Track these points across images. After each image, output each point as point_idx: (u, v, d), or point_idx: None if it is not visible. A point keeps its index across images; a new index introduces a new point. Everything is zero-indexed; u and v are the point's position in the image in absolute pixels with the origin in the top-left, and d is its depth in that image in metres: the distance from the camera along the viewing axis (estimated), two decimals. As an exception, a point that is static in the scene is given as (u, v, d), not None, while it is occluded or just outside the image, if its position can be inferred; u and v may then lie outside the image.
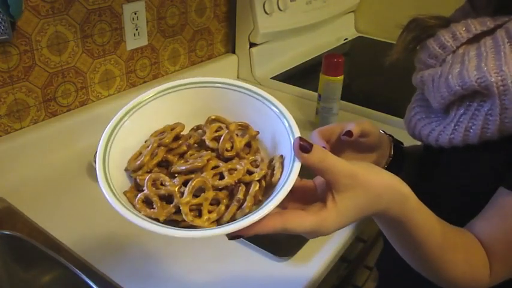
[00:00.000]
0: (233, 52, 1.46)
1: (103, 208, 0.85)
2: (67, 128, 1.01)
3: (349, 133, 0.62)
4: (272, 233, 0.45)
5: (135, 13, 1.10)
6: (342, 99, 1.16)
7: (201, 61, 1.37)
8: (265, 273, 0.74)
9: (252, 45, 1.41)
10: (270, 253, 0.77)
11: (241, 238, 0.45)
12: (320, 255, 0.78)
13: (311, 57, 1.59)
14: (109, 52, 1.08)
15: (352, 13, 1.87)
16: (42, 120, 0.99)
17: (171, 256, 0.76)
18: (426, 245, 0.50)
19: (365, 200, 0.46)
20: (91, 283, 0.70)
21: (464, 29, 0.58)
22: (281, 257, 0.76)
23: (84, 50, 1.02)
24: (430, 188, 0.64)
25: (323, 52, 1.60)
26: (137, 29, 1.12)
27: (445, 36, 0.59)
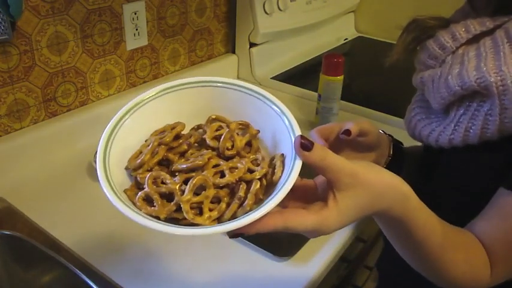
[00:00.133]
0: (233, 52, 1.46)
1: (103, 208, 0.86)
2: (67, 128, 1.01)
3: (347, 132, 0.62)
4: (273, 232, 0.45)
5: (135, 13, 1.10)
6: (342, 99, 1.16)
7: (201, 61, 1.37)
8: (265, 273, 0.74)
9: (252, 45, 1.41)
10: (270, 253, 0.77)
11: (241, 236, 0.45)
12: (320, 255, 0.78)
13: (311, 57, 1.59)
14: (109, 52, 1.08)
15: (352, 13, 1.87)
16: (42, 120, 0.99)
17: (171, 256, 0.76)
18: (427, 245, 0.50)
19: (366, 199, 0.46)
20: (91, 283, 0.70)
21: (463, 30, 0.58)
22: (281, 257, 0.76)
23: (84, 50, 1.02)
24: (431, 189, 0.64)
25: (323, 52, 1.60)
26: (137, 29, 1.12)
27: (445, 36, 0.59)
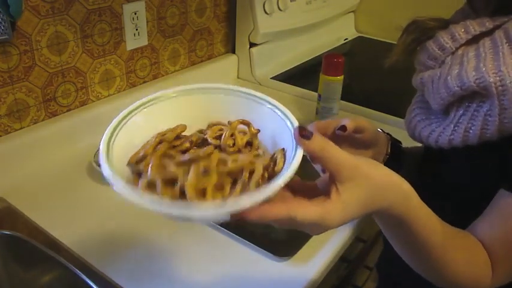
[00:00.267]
0: (233, 52, 1.46)
1: (103, 208, 0.86)
2: (67, 128, 1.01)
3: (343, 128, 0.62)
4: (275, 222, 0.44)
5: (135, 13, 1.10)
6: (342, 99, 1.16)
7: (201, 61, 1.37)
8: (265, 273, 0.74)
9: (252, 45, 1.41)
10: (270, 253, 0.77)
11: (244, 223, 0.43)
12: (320, 255, 0.78)
13: (311, 57, 1.59)
14: (109, 52, 1.08)
15: (352, 13, 1.87)
16: (42, 120, 0.99)
17: (171, 256, 0.76)
18: (427, 245, 0.50)
19: (368, 192, 0.45)
20: (91, 283, 0.70)
21: (463, 30, 0.58)
22: (281, 257, 0.76)
23: (84, 50, 1.02)
24: (431, 189, 0.64)
25: (323, 52, 1.60)
26: (137, 29, 1.12)
27: (444, 37, 0.59)
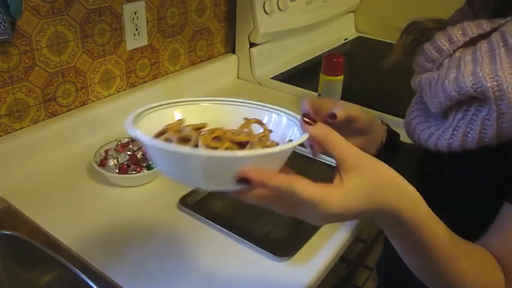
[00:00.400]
0: (233, 52, 1.46)
1: (103, 208, 0.86)
2: (67, 128, 1.01)
3: (333, 116, 0.61)
4: (275, 201, 0.46)
5: (135, 13, 1.10)
6: (342, 99, 1.16)
7: (201, 61, 1.37)
8: (265, 273, 0.74)
9: (252, 45, 1.41)
10: (270, 253, 0.77)
11: (247, 184, 0.44)
12: (320, 255, 0.78)
13: (311, 57, 1.59)
14: (109, 52, 1.08)
15: (352, 13, 1.87)
16: (42, 120, 0.99)
17: (171, 256, 0.76)
18: (435, 253, 0.50)
19: (372, 186, 0.46)
20: (91, 283, 0.70)
21: (460, 33, 0.57)
22: (281, 257, 0.76)
23: (84, 50, 1.02)
24: (431, 190, 0.64)
25: (323, 52, 1.60)
26: (137, 29, 1.12)
27: (441, 39, 0.59)
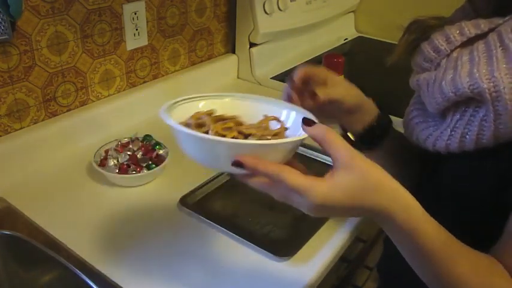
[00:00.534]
0: (233, 52, 1.46)
1: (103, 208, 0.86)
2: (67, 128, 1.01)
3: (314, 96, 0.63)
4: (270, 188, 0.51)
5: (135, 13, 1.10)
6: (342, 99, 1.16)
7: (201, 61, 1.37)
8: (265, 273, 0.74)
9: (252, 45, 1.41)
10: (270, 253, 0.77)
11: (242, 168, 0.50)
12: (320, 255, 0.78)
13: (311, 57, 1.59)
14: (109, 52, 1.08)
15: (352, 13, 1.87)
16: (42, 120, 0.99)
17: (171, 256, 0.76)
18: (431, 254, 0.50)
19: (360, 185, 0.48)
20: (91, 283, 0.70)
21: (458, 32, 0.57)
22: (281, 257, 0.76)
23: (84, 50, 1.02)
24: (430, 193, 0.64)
25: (323, 52, 1.60)
26: (137, 29, 1.12)
27: (439, 39, 0.58)
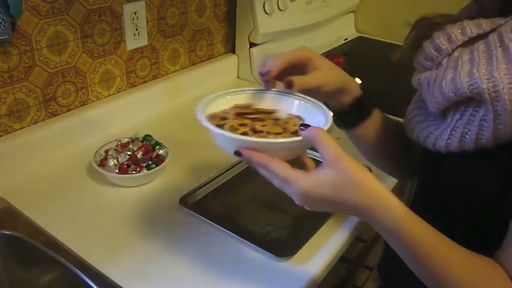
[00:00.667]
0: (233, 52, 1.46)
1: (103, 208, 0.86)
2: (67, 128, 1.01)
3: (289, 83, 0.64)
4: (256, 164, 0.56)
5: (135, 13, 1.10)
6: (342, 99, 1.16)
7: (201, 61, 1.37)
8: (265, 273, 0.74)
9: (252, 45, 1.41)
10: (270, 253, 0.77)
11: (241, 157, 0.57)
12: (320, 255, 0.78)
13: (311, 57, 1.59)
14: (109, 52, 1.08)
15: (352, 13, 1.87)
16: (42, 120, 0.99)
17: (171, 256, 0.76)
18: (428, 259, 0.51)
19: (342, 182, 0.53)
20: (91, 283, 0.70)
21: (459, 32, 0.57)
22: (281, 257, 0.76)
23: (84, 50, 1.02)
24: (430, 193, 0.64)
25: (323, 52, 1.60)
26: (137, 29, 1.12)
27: (441, 38, 0.58)
